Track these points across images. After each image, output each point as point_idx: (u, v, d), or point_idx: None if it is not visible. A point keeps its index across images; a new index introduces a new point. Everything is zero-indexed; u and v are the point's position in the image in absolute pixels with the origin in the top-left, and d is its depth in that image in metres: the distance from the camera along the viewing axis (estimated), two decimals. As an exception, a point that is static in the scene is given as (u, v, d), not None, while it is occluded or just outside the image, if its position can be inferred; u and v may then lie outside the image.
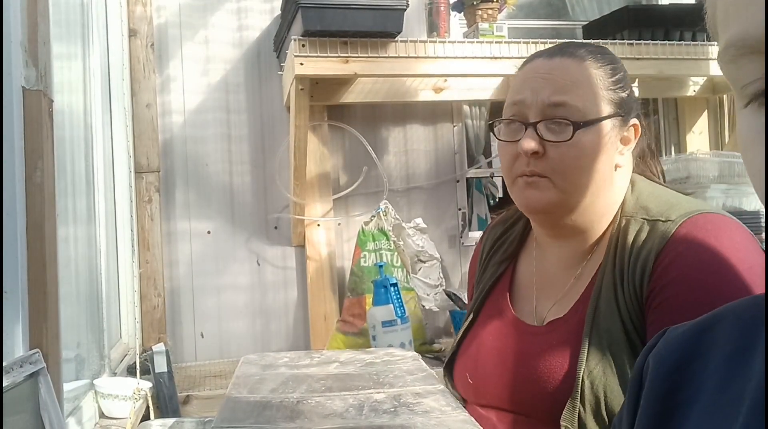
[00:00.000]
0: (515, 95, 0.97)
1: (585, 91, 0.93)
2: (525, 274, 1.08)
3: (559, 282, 1.01)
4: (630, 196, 0.98)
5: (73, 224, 1.63)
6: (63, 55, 1.63)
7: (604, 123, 0.93)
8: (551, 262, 1.04)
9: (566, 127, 0.91)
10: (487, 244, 1.17)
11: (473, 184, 2.93)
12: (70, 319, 1.51)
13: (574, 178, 0.93)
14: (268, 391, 0.85)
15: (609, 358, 0.88)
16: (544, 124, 0.92)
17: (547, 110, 0.92)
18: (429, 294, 2.40)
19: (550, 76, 0.94)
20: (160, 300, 2.39)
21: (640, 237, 0.91)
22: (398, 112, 2.64)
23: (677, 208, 0.92)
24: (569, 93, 0.92)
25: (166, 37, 2.48)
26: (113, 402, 1.59)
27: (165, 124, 2.46)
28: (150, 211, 2.39)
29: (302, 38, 2.04)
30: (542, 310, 1.03)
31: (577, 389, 0.88)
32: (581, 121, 0.90)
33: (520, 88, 0.98)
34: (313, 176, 2.45)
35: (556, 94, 0.92)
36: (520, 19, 2.91)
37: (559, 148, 0.92)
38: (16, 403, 0.87)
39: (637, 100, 1.01)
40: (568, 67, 0.94)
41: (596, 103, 0.92)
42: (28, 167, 1.02)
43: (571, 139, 0.91)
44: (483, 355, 1.05)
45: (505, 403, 0.99)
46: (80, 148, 1.73)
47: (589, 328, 0.90)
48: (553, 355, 0.93)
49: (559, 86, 0.92)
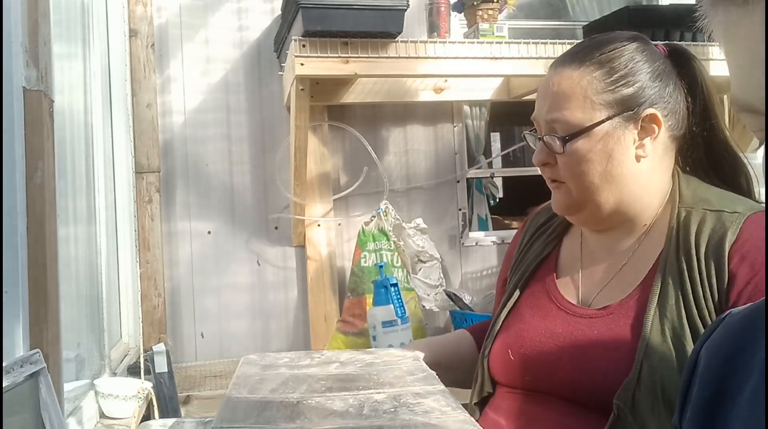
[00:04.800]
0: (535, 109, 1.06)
1: (577, 103, 0.99)
2: (569, 258, 1.12)
3: (605, 268, 1.05)
4: (686, 190, 1.02)
5: (73, 224, 1.63)
6: (63, 56, 1.63)
7: (599, 128, 0.98)
8: (596, 249, 1.09)
9: (558, 140, 1.00)
10: (530, 230, 1.21)
11: (473, 184, 2.93)
12: (71, 319, 1.51)
13: (582, 182, 1.00)
14: (268, 392, 0.85)
15: (669, 343, 0.90)
16: (547, 137, 1.02)
17: (548, 125, 1.02)
18: (429, 294, 2.40)
19: (549, 93, 1.03)
20: (160, 300, 2.39)
21: (706, 226, 0.95)
22: (398, 112, 2.64)
23: (739, 202, 0.97)
24: (561, 109, 1.00)
25: (166, 37, 2.49)
26: (114, 402, 1.59)
27: (165, 124, 2.46)
28: (150, 211, 2.39)
29: (303, 38, 2.04)
30: (587, 293, 1.06)
31: (636, 371, 0.89)
32: (567, 135, 0.99)
33: (536, 101, 1.07)
34: (313, 176, 2.45)
35: (551, 112, 1.01)
36: (520, 19, 2.91)
37: (561, 157, 1.01)
38: (16, 403, 0.87)
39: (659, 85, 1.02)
40: (563, 81, 1.01)
41: (588, 111, 0.99)
42: (28, 167, 1.02)
43: (564, 151, 1.00)
44: (529, 333, 1.06)
45: (553, 384, 1.00)
46: (81, 148, 1.73)
47: (652, 313, 0.93)
48: (611, 339, 0.95)
49: (554, 103, 1.01)
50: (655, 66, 1.03)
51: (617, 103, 0.99)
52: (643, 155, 1.01)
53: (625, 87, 1.00)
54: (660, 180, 1.03)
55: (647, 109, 1.00)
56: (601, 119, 0.99)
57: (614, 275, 1.03)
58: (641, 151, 1.01)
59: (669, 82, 1.03)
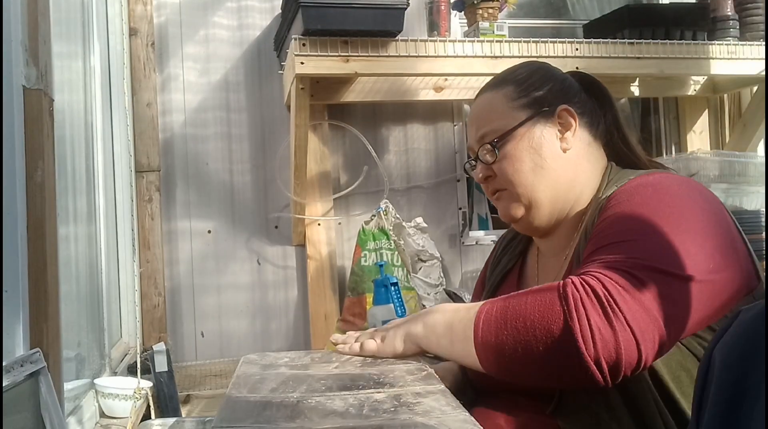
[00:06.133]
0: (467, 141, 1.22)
1: (497, 114, 1.12)
2: (530, 267, 1.22)
3: (554, 267, 1.13)
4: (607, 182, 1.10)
5: (73, 223, 1.63)
6: (63, 54, 1.63)
7: (522, 128, 1.10)
8: (546, 252, 1.18)
9: (491, 148, 1.11)
10: (501, 246, 1.32)
11: (473, 183, 2.93)
12: (71, 319, 1.51)
13: (518, 180, 1.10)
14: (268, 391, 0.85)
15: None
16: (481, 152, 1.13)
17: (479, 144, 1.13)
18: (429, 293, 2.40)
19: (474, 118, 1.17)
20: (160, 299, 2.39)
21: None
22: (399, 111, 2.64)
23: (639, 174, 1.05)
24: (486, 124, 1.12)
25: (166, 36, 2.48)
26: (114, 401, 1.59)
27: (165, 123, 2.46)
28: (150, 210, 2.40)
29: (303, 37, 2.04)
30: None
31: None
32: (496, 140, 1.10)
33: (467, 134, 1.27)
34: (313, 175, 2.45)
35: (479, 130, 1.14)
36: (520, 18, 2.91)
37: (496, 165, 1.11)
38: (17, 402, 0.87)
39: (565, 88, 1.14)
40: (482, 102, 1.16)
41: (509, 118, 1.10)
42: (28, 166, 1.02)
43: (498, 156, 1.10)
44: None
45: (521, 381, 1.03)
46: (81, 147, 1.73)
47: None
48: None
49: (479, 123, 1.14)
50: (564, 78, 1.16)
51: (532, 104, 1.11)
52: (567, 147, 1.10)
53: (536, 90, 1.12)
54: (589, 170, 1.11)
55: (561, 105, 1.11)
56: (521, 120, 1.10)
57: (560, 270, 1.10)
58: (564, 143, 1.10)
59: (579, 91, 1.15)
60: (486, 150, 1.12)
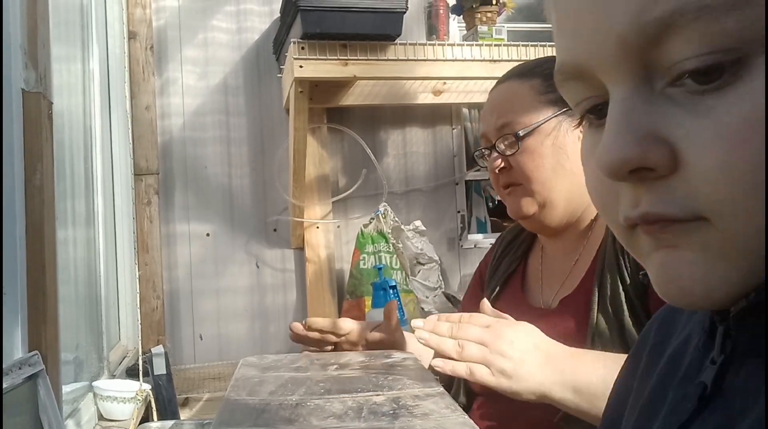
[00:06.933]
0: (480, 128, 1.16)
1: (523, 106, 1.08)
2: (533, 269, 1.20)
3: (561, 269, 1.11)
4: None
5: (72, 226, 1.63)
6: (62, 58, 1.63)
7: (548, 124, 1.06)
8: (552, 254, 1.16)
9: (513, 139, 1.07)
10: (499, 248, 1.29)
11: (472, 186, 2.93)
12: (69, 321, 1.51)
13: (537, 176, 1.06)
14: (267, 394, 0.85)
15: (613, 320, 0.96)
16: (500, 141, 1.08)
17: (498, 132, 1.09)
18: (428, 296, 2.40)
19: (495, 104, 1.12)
20: (159, 302, 2.39)
21: None
22: (397, 114, 2.64)
23: None
24: (510, 113, 1.08)
25: (165, 40, 2.49)
26: (112, 404, 1.59)
27: (164, 127, 2.46)
28: (149, 213, 2.39)
29: (301, 41, 2.04)
30: (548, 295, 1.12)
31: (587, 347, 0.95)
32: (520, 131, 1.06)
33: (482, 119, 1.16)
34: (312, 179, 2.45)
35: (500, 118, 1.08)
36: (519, 21, 2.92)
37: (515, 158, 1.07)
38: (15, 405, 0.87)
39: None
40: (507, 91, 1.11)
41: (535, 111, 1.07)
42: (27, 169, 1.02)
43: (519, 148, 1.06)
44: None
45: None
46: (80, 150, 1.73)
47: (596, 297, 0.99)
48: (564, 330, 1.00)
49: (502, 111, 1.09)
50: None
51: (559, 100, 1.05)
52: None
53: None
54: None
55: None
56: (548, 116, 1.06)
57: (569, 273, 1.09)
58: None
59: None
60: (507, 140, 1.08)
